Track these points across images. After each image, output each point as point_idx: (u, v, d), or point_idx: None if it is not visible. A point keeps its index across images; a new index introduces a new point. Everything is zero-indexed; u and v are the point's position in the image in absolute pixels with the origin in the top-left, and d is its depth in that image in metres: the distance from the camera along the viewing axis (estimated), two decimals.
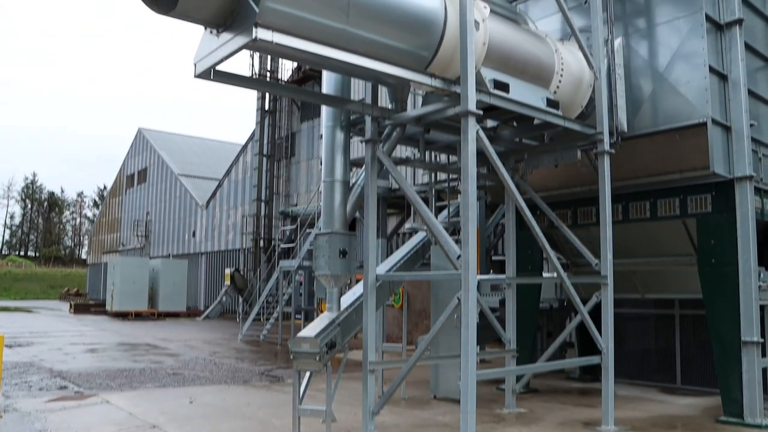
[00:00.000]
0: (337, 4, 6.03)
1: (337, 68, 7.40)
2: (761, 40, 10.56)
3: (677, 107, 9.14)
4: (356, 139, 9.13)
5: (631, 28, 9.76)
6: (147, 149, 54.38)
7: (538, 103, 7.95)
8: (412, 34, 6.70)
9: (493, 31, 7.45)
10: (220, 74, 6.39)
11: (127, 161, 58.66)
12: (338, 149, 8.18)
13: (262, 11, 5.53)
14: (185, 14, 5.62)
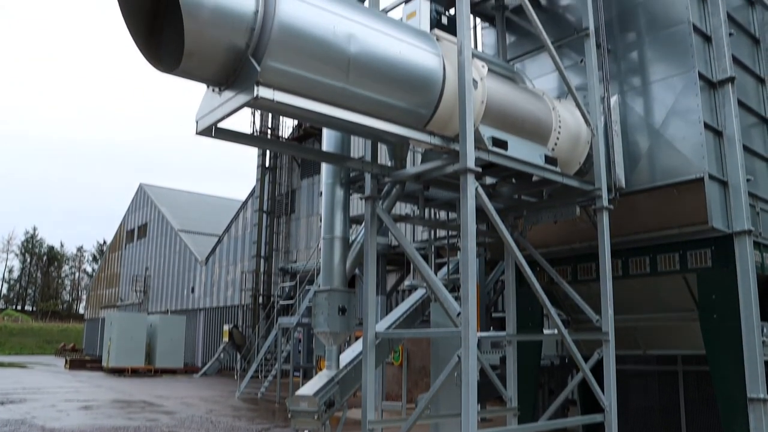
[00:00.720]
0: (338, 63, 6.13)
1: (337, 126, 7.48)
2: (753, 97, 10.72)
3: (674, 163, 9.21)
4: (356, 196, 9.17)
5: (626, 86, 9.91)
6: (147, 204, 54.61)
7: (536, 160, 8.01)
8: (411, 92, 6.79)
9: (491, 89, 7.56)
10: (221, 131, 6.46)
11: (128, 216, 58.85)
12: (338, 206, 8.21)
13: (264, 70, 5.63)
14: (188, 72, 5.71)
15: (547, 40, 8.38)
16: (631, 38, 9.99)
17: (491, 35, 12.28)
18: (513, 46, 11.53)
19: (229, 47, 5.60)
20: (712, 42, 9.69)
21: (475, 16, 12.13)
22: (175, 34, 5.54)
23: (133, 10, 5.74)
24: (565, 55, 10.33)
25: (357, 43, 6.23)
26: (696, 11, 9.61)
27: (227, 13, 5.48)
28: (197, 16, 5.28)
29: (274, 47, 5.68)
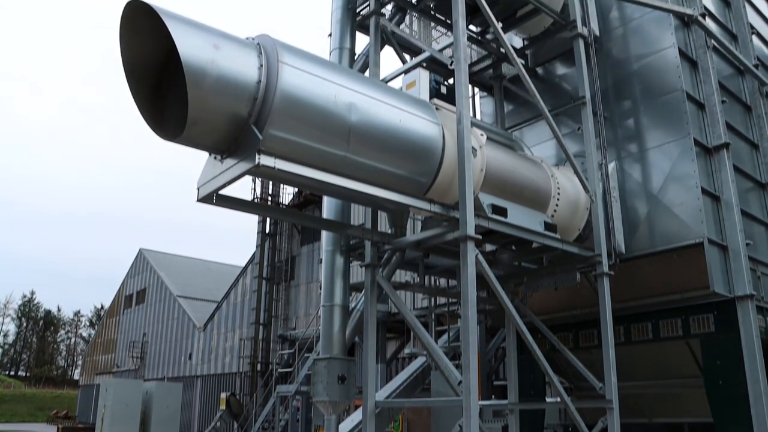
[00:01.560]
0: (339, 132, 6.21)
1: (338, 194, 7.53)
2: (748, 162, 10.83)
3: (673, 228, 9.23)
4: (356, 263, 9.15)
5: (623, 153, 10.00)
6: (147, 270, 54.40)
7: (536, 227, 8.03)
8: (411, 160, 6.86)
9: (490, 157, 7.63)
10: (222, 198, 6.49)
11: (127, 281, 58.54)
12: (338, 273, 8.19)
13: (266, 138, 5.69)
14: (191, 140, 5.78)
15: (545, 108, 8.51)
16: (626, 106, 10.15)
17: (490, 104, 12.48)
18: (511, 114, 11.71)
19: (231, 116, 5.69)
20: (705, 109, 9.85)
21: (474, 85, 12.35)
22: (178, 102, 5.63)
23: (140, 80, 5.85)
24: (562, 123, 10.47)
25: (358, 112, 6.33)
26: (689, 80, 9.79)
27: (230, 83, 5.59)
28: (201, 85, 5.38)
29: (276, 116, 5.76)
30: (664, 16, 9.91)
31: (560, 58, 11.22)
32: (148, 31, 5.60)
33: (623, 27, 10.47)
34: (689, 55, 10.02)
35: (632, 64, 10.19)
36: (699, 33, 10.21)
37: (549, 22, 10.60)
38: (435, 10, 10.42)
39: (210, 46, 5.50)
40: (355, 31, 9.98)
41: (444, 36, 12.81)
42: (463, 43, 7.66)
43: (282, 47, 6.03)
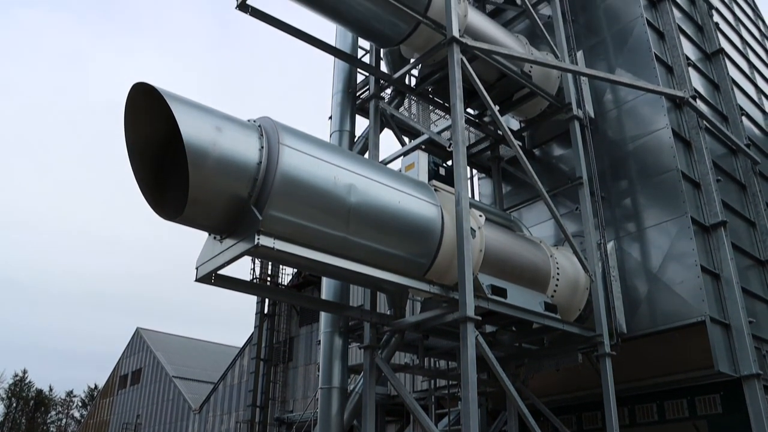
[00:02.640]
0: (338, 213, 6.24)
1: (337, 275, 7.51)
2: (746, 240, 10.86)
3: (674, 307, 9.17)
4: (354, 345, 9.07)
5: (622, 232, 10.04)
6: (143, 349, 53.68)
7: (536, 307, 7.99)
8: (410, 242, 6.88)
9: (489, 238, 7.66)
10: (221, 279, 6.47)
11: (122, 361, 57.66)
12: (336, 355, 8.10)
13: (265, 219, 5.72)
14: (190, 220, 5.80)
15: (543, 189, 8.59)
16: (623, 186, 10.25)
17: (488, 185, 12.61)
18: (509, 195, 11.83)
19: (231, 196, 5.73)
20: (701, 188, 9.95)
21: (472, 167, 12.51)
22: (179, 181, 5.68)
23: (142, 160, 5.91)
24: (560, 204, 10.57)
25: (357, 193, 6.38)
26: (683, 159, 9.93)
27: (231, 164, 5.65)
28: (202, 166, 5.44)
29: (276, 197, 5.81)
30: (657, 98, 10.13)
31: (557, 140, 11.42)
32: (152, 112, 5.71)
33: (617, 109, 10.69)
34: (683, 136, 10.20)
35: (628, 145, 10.35)
36: (691, 114, 10.42)
37: (545, 105, 10.83)
38: (433, 94, 10.65)
39: (212, 128, 5.59)
40: (355, 114, 10.19)
41: (442, 119, 13.04)
42: (461, 126, 7.80)
43: (283, 129, 6.12)
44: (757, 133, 13.21)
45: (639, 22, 10.88)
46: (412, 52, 9.81)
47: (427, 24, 8.87)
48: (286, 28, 8.51)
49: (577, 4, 11.85)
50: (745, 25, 15.93)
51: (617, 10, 11.33)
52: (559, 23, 10.97)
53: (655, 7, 11.53)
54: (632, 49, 10.86)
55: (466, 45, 8.47)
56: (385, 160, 9.98)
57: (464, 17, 9.30)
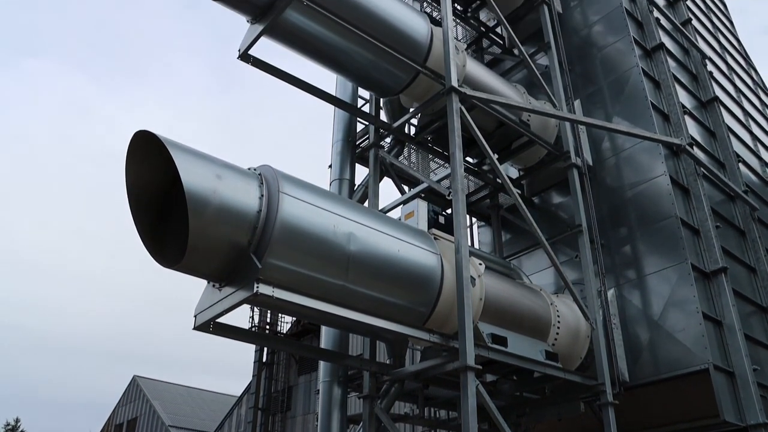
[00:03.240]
0: (338, 261, 6.24)
1: (336, 324, 7.47)
2: (747, 287, 10.82)
3: (677, 354, 9.09)
4: (354, 394, 8.97)
5: (622, 279, 10.02)
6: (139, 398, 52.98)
7: (536, 356, 7.92)
8: (410, 290, 6.86)
9: (489, 286, 7.64)
10: (219, 327, 6.44)
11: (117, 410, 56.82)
12: (335, 405, 8.01)
13: (265, 267, 5.71)
14: (190, 268, 5.79)
15: (542, 237, 8.60)
16: (623, 233, 10.26)
17: (488, 233, 12.63)
18: (509, 243, 11.83)
19: (231, 244, 5.74)
20: (700, 234, 9.95)
21: (472, 215, 12.55)
22: (178, 229, 5.70)
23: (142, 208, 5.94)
24: (560, 251, 10.56)
25: (357, 242, 6.39)
26: (682, 206, 9.96)
27: (231, 212, 5.67)
28: (202, 214, 5.46)
29: (276, 245, 5.81)
30: (654, 145, 10.21)
31: (556, 188, 11.47)
32: (153, 159, 5.75)
33: (615, 157, 10.76)
34: (681, 183, 10.25)
35: (626, 192, 10.40)
36: (688, 161, 10.49)
37: (543, 153, 10.92)
38: (432, 143, 10.74)
39: (212, 176, 5.63)
40: (354, 163, 10.26)
41: (442, 167, 13.14)
42: (460, 175, 7.85)
43: (283, 177, 6.16)
44: (755, 179, 13.29)
45: (635, 72, 11.03)
46: (412, 101, 9.92)
47: (426, 74, 9.00)
48: (287, 77, 8.63)
49: (573, 54, 12.04)
50: (738, 74, 16.16)
51: (613, 60, 11.50)
52: (556, 73, 11.13)
53: (650, 56, 11.70)
54: (629, 97, 10.99)
55: (464, 94, 8.57)
56: (385, 209, 10.01)
57: (463, 67, 9.44)
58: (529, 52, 11.55)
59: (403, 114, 10.50)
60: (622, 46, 11.44)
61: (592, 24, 12.16)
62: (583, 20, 12.36)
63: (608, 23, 11.89)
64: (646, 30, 12.08)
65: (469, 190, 12.20)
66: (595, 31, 12.05)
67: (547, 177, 11.48)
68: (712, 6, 18.27)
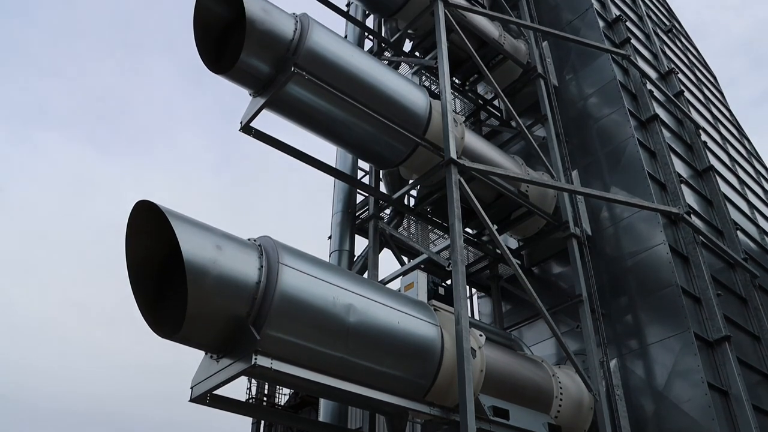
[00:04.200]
0: (337, 333, 6.20)
1: (335, 396, 7.37)
2: (752, 355, 10.68)
3: (683, 426, 8.90)
4: None
5: (624, 349, 9.91)
6: None
7: (539, 428, 7.79)
8: (410, 362, 6.80)
9: (490, 357, 7.57)
10: (216, 399, 6.33)
11: None
12: None
13: (263, 339, 5.67)
14: (187, 339, 5.76)
15: (542, 307, 8.56)
16: (624, 302, 10.21)
17: (488, 304, 12.57)
18: (509, 313, 11.77)
19: (229, 315, 5.71)
20: (702, 303, 9.89)
21: (471, 286, 12.52)
22: (177, 299, 5.69)
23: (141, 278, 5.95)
24: (561, 321, 10.50)
25: (356, 313, 6.37)
26: (682, 274, 9.94)
27: (231, 283, 5.67)
28: (201, 285, 5.45)
29: (274, 317, 5.79)
30: (653, 215, 10.27)
31: (555, 258, 11.48)
32: (153, 229, 5.79)
33: (614, 226, 10.81)
34: (680, 251, 10.25)
35: (626, 261, 10.39)
36: (687, 230, 10.52)
37: (542, 224, 10.98)
38: (432, 214, 10.81)
39: (212, 246, 5.66)
40: (354, 234, 10.30)
41: (441, 238, 13.19)
42: (459, 246, 7.87)
43: (282, 249, 6.19)
44: (754, 247, 13.31)
45: (631, 142, 11.19)
46: (411, 173, 10.04)
47: (426, 146, 9.14)
48: (287, 149, 8.77)
49: (570, 126, 12.23)
50: (731, 144, 16.41)
51: (609, 131, 11.68)
52: (553, 144, 11.30)
53: (645, 127, 11.89)
54: (625, 167, 11.12)
55: (463, 166, 8.68)
56: (385, 280, 10.00)
57: (461, 139, 9.59)
58: (526, 124, 11.76)
59: (402, 185, 10.60)
60: (618, 118, 11.64)
61: (588, 96, 12.40)
62: (579, 93, 12.61)
63: (603, 95, 12.13)
64: (640, 102, 12.33)
65: (469, 261, 12.21)
66: (591, 103, 12.28)
67: (546, 247, 11.51)
68: (703, 78, 18.69)
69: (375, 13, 12.94)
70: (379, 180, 11.03)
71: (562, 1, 14.15)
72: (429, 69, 13.29)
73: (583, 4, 13.63)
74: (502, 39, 12.80)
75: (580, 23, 13.44)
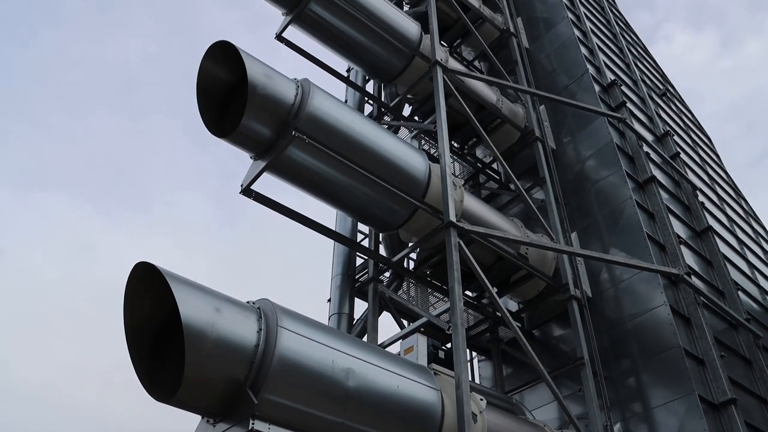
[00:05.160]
0: (336, 397, 6.13)
1: None
2: (759, 418, 10.49)
3: None
4: None
5: (628, 413, 9.76)
6: None
7: None
8: (409, 427, 6.71)
9: (491, 422, 7.48)
10: None
11: None
12: None
13: (261, 403, 5.61)
14: (184, 402, 5.69)
15: (544, 371, 8.47)
16: (626, 365, 10.10)
17: (488, 367, 12.43)
18: (510, 377, 11.63)
19: (227, 379, 5.66)
20: (705, 365, 9.78)
21: (472, 349, 12.41)
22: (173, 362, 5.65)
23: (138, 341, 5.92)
24: (562, 385, 10.36)
25: (355, 377, 6.30)
26: (684, 336, 9.86)
27: (229, 346, 5.64)
28: (199, 348, 5.42)
29: (273, 381, 5.73)
30: (653, 276, 10.25)
31: (556, 320, 11.41)
32: (152, 291, 5.79)
33: (614, 288, 10.77)
34: (681, 312, 10.19)
35: (627, 323, 10.32)
36: (688, 291, 10.49)
37: (542, 286, 10.95)
38: (431, 277, 10.80)
39: (211, 309, 5.64)
40: (353, 297, 10.29)
41: (441, 301, 13.14)
42: (459, 309, 7.84)
43: (281, 312, 6.17)
44: (756, 307, 13.24)
45: (629, 204, 11.25)
46: (411, 236, 10.07)
47: (425, 209, 9.20)
48: (287, 212, 8.81)
49: (568, 188, 12.32)
50: (729, 204, 16.49)
51: (607, 193, 11.77)
52: (552, 206, 11.37)
53: (643, 189, 11.98)
54: (624, 229, 11.15)
55: (463, 229, 8.72)
56: (384, 343, 9.92)
57: (461, 202, 9.65)
58: (525, 186, 11.85)
59: (402, 248, 10.62)
60: (615, 180, 11.73)
61: (585, 159, 12.53)
62: (576, 155, 12.75)
63: (600, 158, 12.26)
64: (637, 164, 12.45)
65: (469, 324, 12.13)
66: (588, 165, 12.41)
67: (546, 309, 11.45)
68: (698, 141, 18.92)
69: (375, 78, 13.19)
70: (378, 243, 11.06)
71: (558, 66, 14.44)
72: (428, 133, 13.49)
73: (579, 69, 13.90)
74: (499, 103, 13.01)
75: (577, 87, 13.69)
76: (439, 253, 9.72)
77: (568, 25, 14.91)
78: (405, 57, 11.86)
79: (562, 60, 14.46)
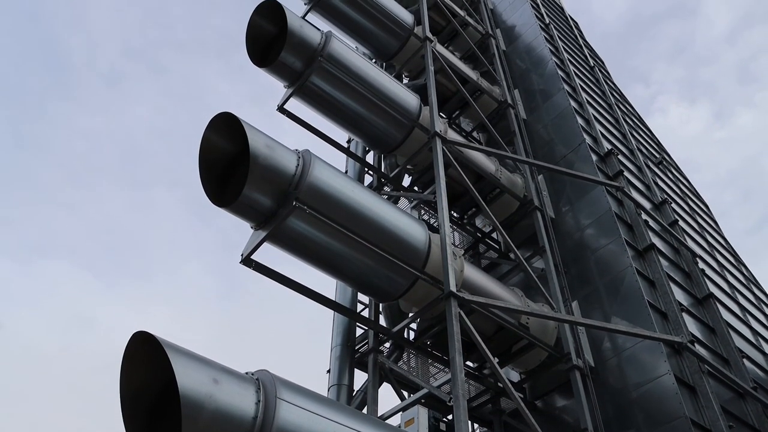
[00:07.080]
0: None
1: None
2: None
3: None
4: None
5: None
6: None
7: None
8: None
9: None
10: None
11: None
12: None
13: None
14: None
15: None
16: None
17: None
18: None
19: None
20: None
21: (473, 421, 12.19)
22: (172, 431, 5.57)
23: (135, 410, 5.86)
24: None
25: None
26: (690, 406, 9.68)
27: (227, 418, 5.57)
28: (197, 420, 5.36)
29: None
30: (656, 344, 10.15)
31: (559, 390, 11.24)
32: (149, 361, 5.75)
33: (617, 357, 10.65)
34: (686, 381, 10.04)
35: (631, 393, 10.16)
36: (692, 359, 10.36)
37: (544, 356, 10.83)
38: (432, 348, 10.71)
39: (209, 380, 5.59)
40: (353, 368, 10.18)
41: (442, 372, 12.99)
42: (461, 380, 7.74)
43: (280, 383, 6.11)
44: (762, 375, 13.04)
45: (629, 272, 11.23)
46: (411, 306, 10.03)
47: (425, 280, 9.19)
48: (287, 282, 8.81)
49: (568, 257, 12.32)
50: (729, 271, 16.45)
51: (607, 262, 11.76)
52: (552, 275, 11.36)
53: (643, 257, 11.98)
54: (625, 297, 11.10)
55: (463, 299, 8.68)
56: (384, 415, 9.77)
57: (461, 272, 9.65)
58: (525, 255, 11.86)
59: (402, 318, 10.56)
60: (615, 248, 11.75)
61: (584, 227, 12.58)
62: (576, 224, 12.80)
63: (599, 227, 12.31)
64: (636, 232, 12.49)
65: (470, 395, 11.95)
66: (588, 234, 12.45)
67: (549, 380, 11.29)
68: (696, 208, 19.02)
69: (375, 149, 13.37)
70: (378, 313, 11.02)
71: (556, 137, 14.66)
72: (428, 203, 13.60)
73: (576, 139, 14.10)
74: (498, 173, 13.16)
75: (574, 157, 13.86)
76: (439, 323, 9.67)
77: (564, 96, 15.21)
78: (405, 128, 12.06)
79: (560, 130, 14.69)
